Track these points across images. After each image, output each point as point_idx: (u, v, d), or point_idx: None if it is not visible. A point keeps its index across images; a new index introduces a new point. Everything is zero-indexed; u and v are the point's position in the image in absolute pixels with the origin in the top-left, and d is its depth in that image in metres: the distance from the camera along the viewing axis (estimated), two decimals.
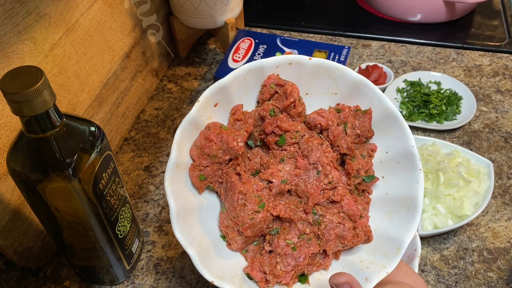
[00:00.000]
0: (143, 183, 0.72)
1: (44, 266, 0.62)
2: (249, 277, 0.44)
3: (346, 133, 0.46)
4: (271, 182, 0.44)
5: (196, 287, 0.60)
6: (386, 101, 0.45)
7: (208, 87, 0.87)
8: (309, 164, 0.44)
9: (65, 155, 0.44)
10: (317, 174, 0.44)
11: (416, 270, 0.54)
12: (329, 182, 0.44)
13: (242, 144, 0.44)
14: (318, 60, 0.46)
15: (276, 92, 0.46)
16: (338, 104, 0.48)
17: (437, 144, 0.70)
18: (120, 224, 0.54)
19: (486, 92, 0.84)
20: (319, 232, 0.44)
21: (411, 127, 0.78)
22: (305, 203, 0.44)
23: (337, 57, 0.83)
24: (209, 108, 0.45)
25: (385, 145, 0.47)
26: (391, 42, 0.95)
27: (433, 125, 0.77)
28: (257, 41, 0.86)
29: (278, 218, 0.45)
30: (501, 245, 0.63)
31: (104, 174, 0.48)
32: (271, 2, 1.07)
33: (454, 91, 0.82)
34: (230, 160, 0.45)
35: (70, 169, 0.44)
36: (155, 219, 0.67)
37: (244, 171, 0.45)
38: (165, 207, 0.69)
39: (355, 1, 1.06)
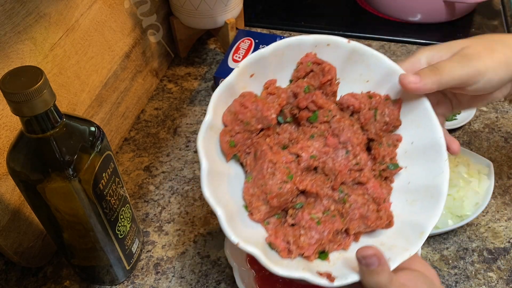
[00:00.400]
0: (143, 183, 0.72)
1: (44, 266, 0.62)
2: (271, 246, 0.43)
3: (375, 119, 0.46)
4: (300, 157, 0.44)
5: (196, 287, 0.60)
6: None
7: (208, 87, 0.87)
8: (339, 143, 0.45)
9: (65, 155, 0.44)
10: (346, 153, 0.45)
11: None
12: (357, 163, 0.44)
13: (275, 115, 0.44)
14: (356, 44, 0.47)
15: (312, 71, 0.47)
16: (369, 92, 0.48)
17: None
18: (120, 224, 0.54)
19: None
20: (343, 211, 0.44)
21: None
22: (331, 181, 0.45)
23: None
24: (245, 78, 0.46)
25: (411, 135, 0.48)
26: (391, 42, 0.95)
27: None
28: (257, 41, 0.86)
29: (302, 193, 0.45)
30: (501, 245, 0.63)
31: (104, 174, 0.48)
32: (271, 2, 1.07)
33: None
34: (261, 131, 0.46)
35: (70, 169, 0.44)
36: (155, 219, 0.67)
37: (274, 144, 0.45)
38: (165, 207, 0.69)
39: (355, 1, 1.06)
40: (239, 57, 0.83)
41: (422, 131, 0.47)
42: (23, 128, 0.43)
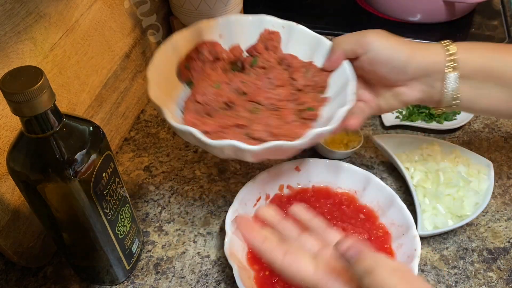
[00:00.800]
0: (143, 183, 0.72)
1: (44, 266, 0.62)
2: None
3: (306, 76, 0.59)
4: (232, 81, 0.58)
5: (196, 287, 0.60)
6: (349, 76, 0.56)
7: None
8: (267, 78, 0.58)
9: (65, 155, 0.44)
10: (269, 84, 0.58)
11: (416, 270, 0.54)
12: (278, 95, 0.57)
13: (225, 55, 0.60)
14: (303, 28, 0.62)
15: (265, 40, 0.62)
16: (310, 61, 0.61)
17: (437, 144, 0.70)
18: (120, 224, 0.54)
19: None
20: (251, 117, 0.55)
21: (411, 127, 0.78)
22: (250, 98, 0.57)
23: None
24: (215, 36, 0.62)
25: (333, 92, 0.58)
26: None
27: (433, 125, 0.77)
28: None
29: (227, 106, 0.57)
30: (501, 245, 0.63)
31: (104, 174, 0.48)
32: (271, 2, 1.07)
33: None
34: (214, 65, 0.60)
35: (70, 169, 0.44)
36: (155, 219, 0.67)
37: (218, 73, 0.59)
38: (165, 207, 0.69)
39: (355, 1, 1.06)
40: None
41: (339, 84, 0.57)
42: (23, 128, 0.43)
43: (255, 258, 0.59)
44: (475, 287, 0.59)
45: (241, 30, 0.62)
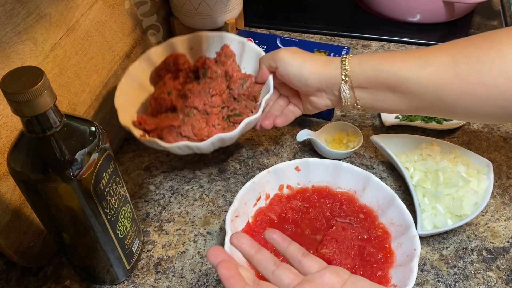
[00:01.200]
0: (143, 183, 0.72)
1: (44, 265, 0.62)
2: (134, 124, 0.68)
3: (242, 87, 0.70)
4: (182, 89, 0.70)
5: (196, 286, 0.60)
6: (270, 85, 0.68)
7: None
8: (208, 87, 0.69)
9: (65, 155, 0.44)
10: (207, 92, 0.68)
11: (415, 269, 0.54)
12: (212, 102, 0.68)
13: (186, 66, 0.74)
14: (251, 44, 0.74)
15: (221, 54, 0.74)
16: (249, 74, 0.73)
17: (436, 144, 0.70)
18: (120, 224, 0.54)
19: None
20: (185, 119, 0.66)
21: (411, 127, 0.78)
22: (189, 103, 0.68)
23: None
24: (186, 50, 0.77)
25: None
26: (390, 43, 0.95)
27: (433, 125, 0.78)
28: (257, 41, 0.86)
29: (174, 110, 0.69)
30: (500, 245, 0.63)
31: (104, 174, 0.48)
32: (271, 3, 1.07)
33: None
34: (177, 74, 0.74)
35: (70, 169, 0.44)
36: (155, 218, 0.68)
37: (178, 82, 0.72)
38: (165, 207, 0.69)
39: (354, 2, 1.06)
40: None
41: (264, 93, 0.69)
42: (23, 128, 0.43)
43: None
44: (474, 286, 0.60)
45: (207, 44, 0.76)
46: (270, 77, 0.68)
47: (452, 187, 0.65)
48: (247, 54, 0.74)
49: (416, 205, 0.64)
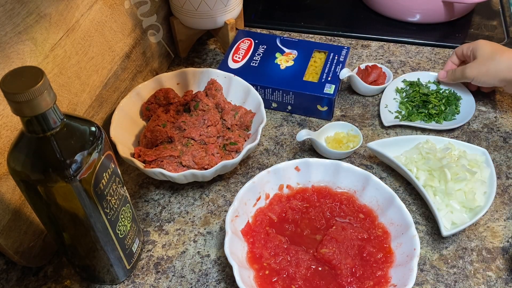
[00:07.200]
0: (143, 182, 0.72)
1: (44, 265, 0.62)
2: (134, 156, 0.70)
3: (234, 117, 0.74)
4: (176, 121, 0.73)
5: (196, 286, 0.60)
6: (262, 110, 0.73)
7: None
8: (203, 119, 0.72)
9: (65, 155, 0.44)
10: (202, 124, 0.72)
11: (415, 269, 0.55)
12: (208, 132, 0.71)
13: (176, 99, 0.77)
14: (238, 79, 0.77)
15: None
16: (240, 106, 0.77)
17: (431, 140, 0.70)
18: (120, 224, 0.54)
19: (485, 92, 0.84)
20: (184, 149, 0.69)
21: (410, 127, 0.78)
22: (186, 134, 0.71)
23: (336, 57, 0.83)
24: (174, 84, 0.80)
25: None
26: (390, 43, 0.95)
27: (432, 125, 0.78)
28: (257, 41, 0.86)
29: (170, 140, 0.71)
30: (500, 245, 0.64)
31: (104, 174, 0.49)
32: (270, 3, 1.07)
33: (453, 91, 0.82)
34: (167, 107, 0.76)
35: (70, 169, 0.44)
36: (155, 218, 0.68)
37: (170, 115, 0.75)
38: (165, 206, 0.69)
39: (354, 2, 1.06)
40: (239, 57, 0.83)
41: (256, 125, 0.74)
42: (23, 128, 0.43)
43: (255, 257, 0.59)
44: (474, 286, 0.60)
45: (193, 79, 0.80)
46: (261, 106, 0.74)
47: (461, 182, 0.64)
48: (234, 87, 0.78)
49: (431, 206, 0.63)
